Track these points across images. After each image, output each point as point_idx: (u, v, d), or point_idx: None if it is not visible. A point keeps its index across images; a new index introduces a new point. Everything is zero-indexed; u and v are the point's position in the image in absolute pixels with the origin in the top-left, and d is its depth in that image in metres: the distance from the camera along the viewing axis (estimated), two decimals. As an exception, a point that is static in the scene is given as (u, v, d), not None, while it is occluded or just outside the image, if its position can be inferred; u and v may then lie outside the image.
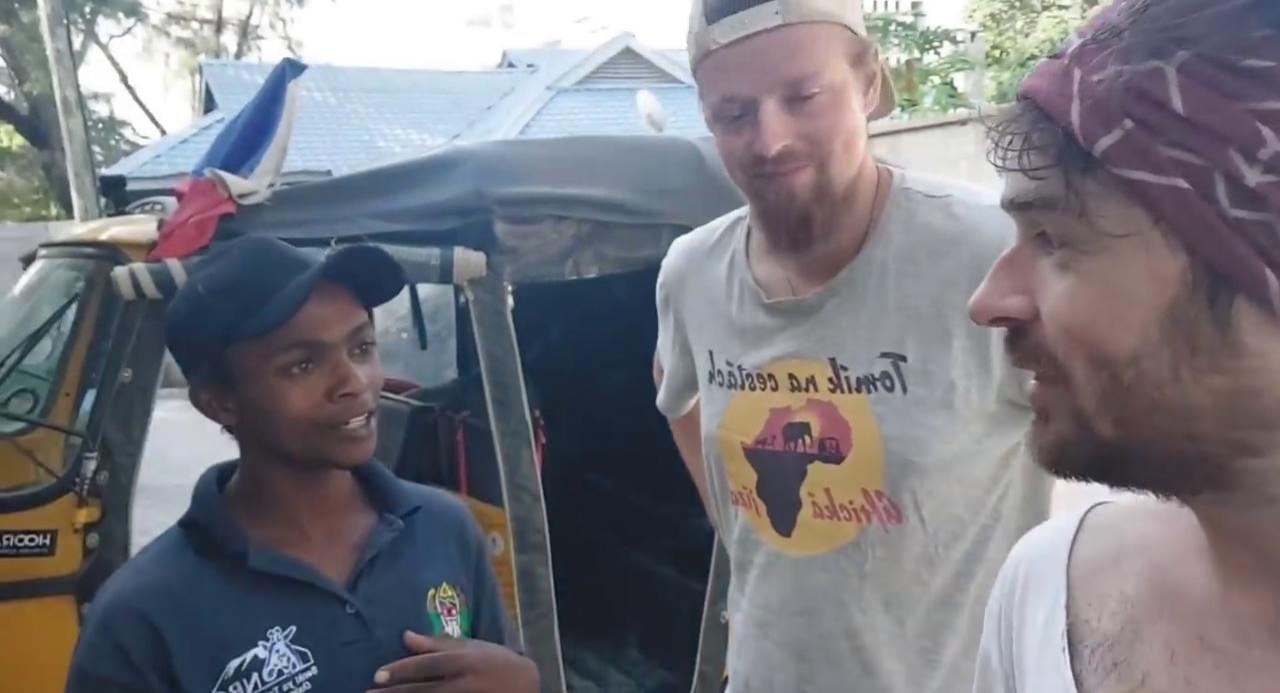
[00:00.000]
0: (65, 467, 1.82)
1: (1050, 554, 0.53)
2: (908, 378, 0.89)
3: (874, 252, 0.92)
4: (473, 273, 1.86)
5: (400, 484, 0.99)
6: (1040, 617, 0.51)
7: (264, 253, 0.89)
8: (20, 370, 2.11)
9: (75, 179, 8.42)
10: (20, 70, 16.84)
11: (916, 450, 0.88)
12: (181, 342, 0.90)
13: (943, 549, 0.90)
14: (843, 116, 0.86)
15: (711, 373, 1.04)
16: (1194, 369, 0.37)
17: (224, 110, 11.67)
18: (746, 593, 1.02)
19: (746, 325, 1.00)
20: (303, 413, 0.85)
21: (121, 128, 20.87)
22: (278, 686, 0.84)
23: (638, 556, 2.52)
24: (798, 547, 0.95)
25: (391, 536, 0.93)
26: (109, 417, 1.73)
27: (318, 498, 0.91)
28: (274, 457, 0.88)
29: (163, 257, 1.74)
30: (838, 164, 0.88)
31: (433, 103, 13.39)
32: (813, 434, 0.93)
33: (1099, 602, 0.48)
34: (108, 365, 1.76)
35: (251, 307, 0.83)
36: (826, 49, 0.84)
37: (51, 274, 2.23)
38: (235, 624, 0.84)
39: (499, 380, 1.88)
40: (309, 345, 0.85)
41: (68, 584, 1.71)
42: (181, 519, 0.90)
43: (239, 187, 1.81)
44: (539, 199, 1.92)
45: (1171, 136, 0.36)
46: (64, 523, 1.71)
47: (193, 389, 0.89)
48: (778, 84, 0.85)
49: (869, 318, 0.92)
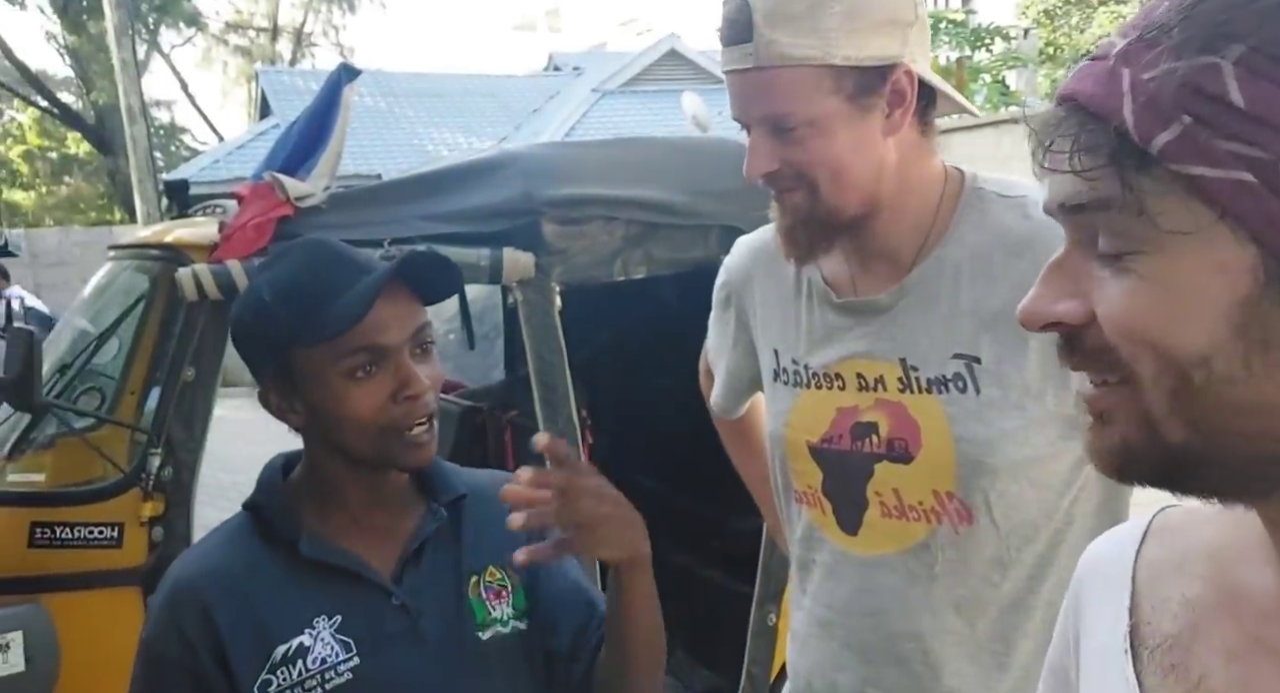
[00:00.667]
0: (131, 462, 1.89)
1: (1116, 559, 0.52)
2: (981, 379, 0.89)
3: (947, 251, 0.92)
4: (522, 274, 1.88)
5: (447, 473, 0.99)
6: (1105, 620, 0.51)
7: (324, 256, 0.90)
8: (89, 369, 2.19)
9: (138, 184, 8.72)
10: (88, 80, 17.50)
11: (989, 452, 0.87)
12: (248, 346, 0.92)
13: (1015, 552, 0.89)
14: (828, 147, 0.87)
15: (776, 371, 1.04)
16: (1267, 364, 0.37)
17: (278, 116, 11.96)
18: (809, 592, 1.02)
19: (814, 324, 1.00)
20: (368, 416, 0.86)
21: (181, 134, 21.55)
22: (319, 674, 0.86)
23: (685, 557, 2.52)
24: (864, 546, 0.95)
25: (435, 526, 0.94)
26: (173, 414, 1.79)
27: (376, 493, 0.93)
28: (339, 455, 0.90)
29: (224, 258, 1.79)
30: (828, 189, 0.89)
31: (480, 106, 13.55)
32: (881, 434, 0.93)
33: (1162, 605, 0.48)
34: (171, 364, 1.82)
35: (315, 310, 0.85)
36: (802, 90, 0.86)
37: (119, 275, 2.31)
38: (285, 611, 0.87)
39: (547, 381, 1.90)
40: (373, 349, 0.86)
41: (134, 576, 1.77)
42: (246, 502, 0.94)
43: (296, 189, 1.86)
44: (587, 200, 1.93)
45: (1232, 130, 0.36)
46: (130, 517, 1.77)
47: (262, 391, 0.91)
48: (758, 118, 0.89)
49: (942, 319, 0.91)
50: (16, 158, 20.47)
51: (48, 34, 18.28)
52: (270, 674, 0.85)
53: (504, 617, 0.94)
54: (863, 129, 0.88)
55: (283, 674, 0.85)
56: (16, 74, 17.43)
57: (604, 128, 12.03)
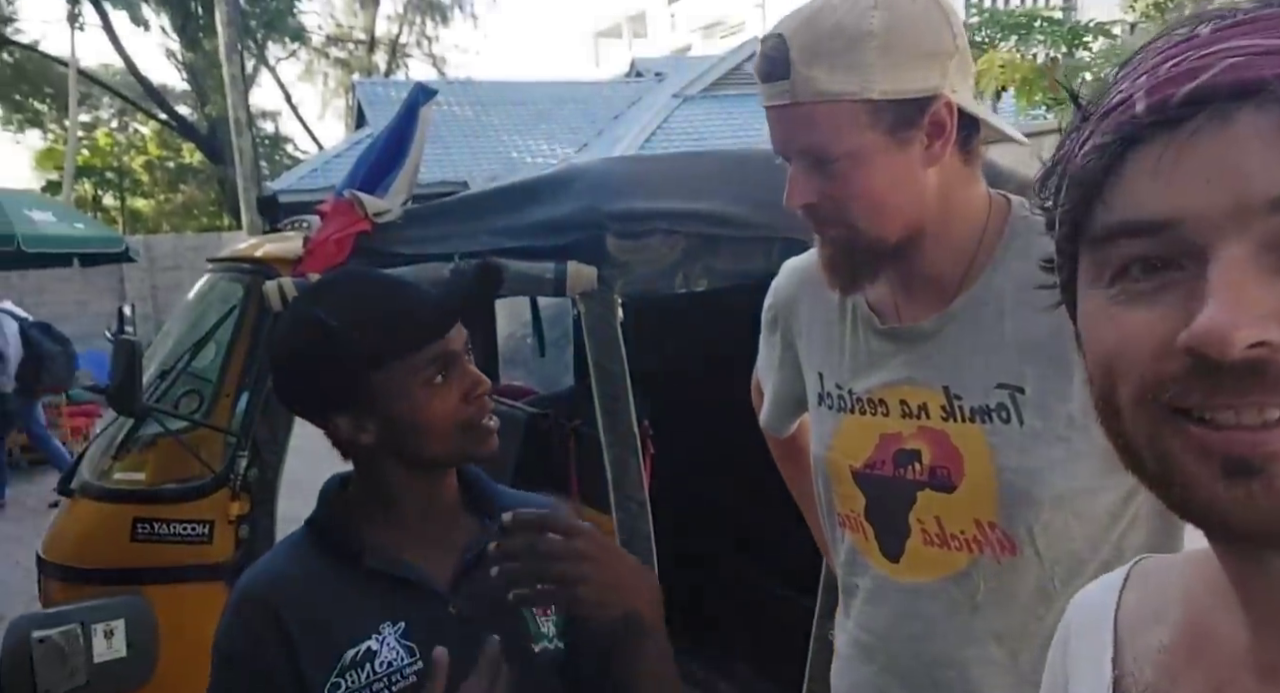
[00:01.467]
0: (222, 463, 2.02)
1: (1099, 608, 0.52)
2: (1025, 410, 0.88)
3: (992, 280, 0.91)
4: (584, 286, 1.92)
5: (499, 490, 1.05)
6: (1091, 671, 0.51)
7: (376, 281, 0.98)
8: (190, 373, 2.35)
9: (244, 193, 9.21)
10: (202, 93, 18.58)
11: (1032, 483, 0.86)
12: (314, 380, 0.95)
13: (1060, 585, 0.88)
14: (866, 180, 0.87)
15: (821, 395, 1.05)
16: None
17: (373, 126, 12.40)
18: (852, 616, 1.02)
19: (859, 349, 1.00)
20: (449, 419, 0.93)
21: (285, 144, 22.64)
22: (387, 677, 0.90)
23: (747, 568, 2.52)
24: (906, 573, 0.95)
25: (489, 539, 0.97)
26: (259, 418, 1.90)
27: (433, 501, 0.98)
28: (406, 465, 0.95)
29: (306, 272, 1.90)
30: (866, 223, 0.89)
31: (564, 114, 13.76)
32: (923, 461, 0.93)
33: (1143, 654, 0.48)
34: (258, 371, 1.93)
35: (395, 327, 0.91)
36: (839, 125, 0.86)
37: (216, 286, 2.47)
38: (351, 617, 0.92)
39: (608, 391, 1.94)
40: (446, 356, 0.93)
41: (223, 571, 1.89)
42: (308, 519, 1.00)
43: (374, 206, 1.95)
44: (649, 214, 1.96)
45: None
46: (220, 514, 1.90)
47: (329, 424, 0.95)
48: (797, 151, 0.89)
49: (986, 348, 0.90)
50: (139, 167, 21.92)
51: (167, 51, 19.49)
52: (339, 678, 0.89)
53: (549, 634, 0.98)
54: (902, 161, 0.87)
55: (351, 677, 0.89)
56: (140, 89, 18.66)
57: (685, 133, 12.03)
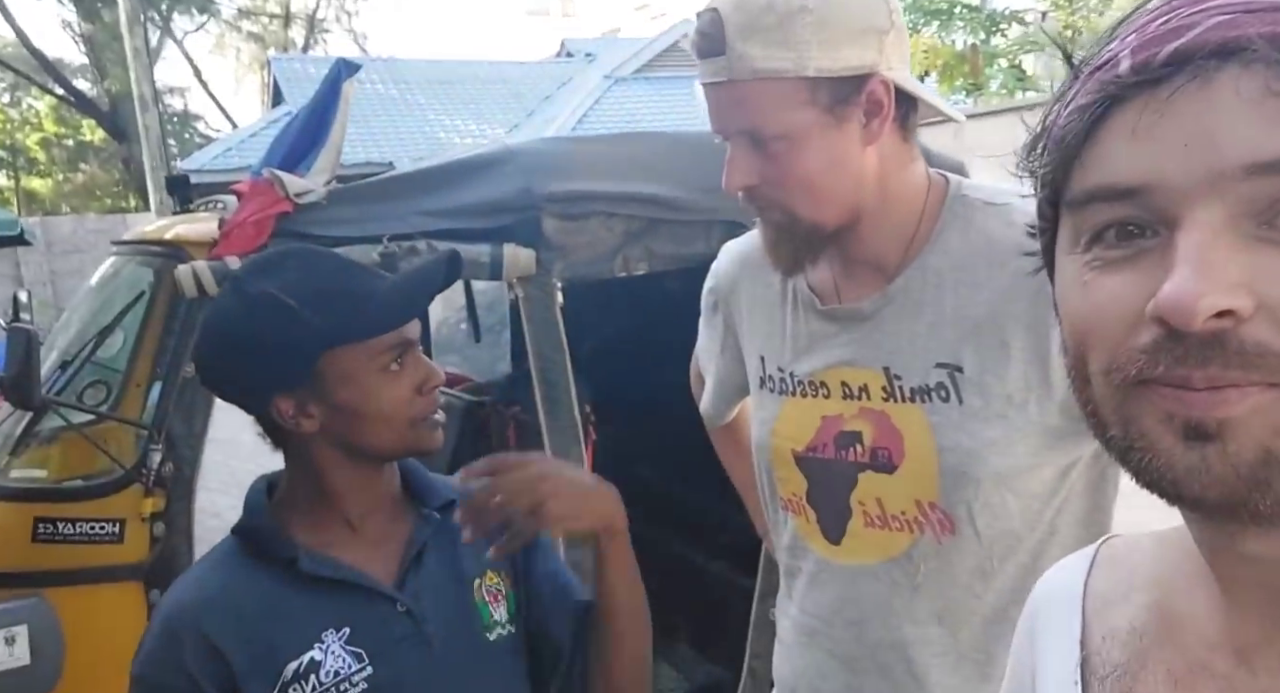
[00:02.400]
0: (133, 458, 1.90)
1: (1067, 589, 0.52)
2: (964, 389, 0.88)
3: (930, 260, 0.91)
4: (523, 270, 1.86)
5: (433, 479, 1.01)
6: (1059, 652, 0.50)
7: (331, 260, 0.94)
8: (95, 363, 2.20)
9: (151, 172, 8.77)
10: (102, 67, 17.58)
11: (972, 462, 0.86)
12: (260, 358, 0.89)
13: (998, 563, 0.89)
14: (805, 161, 0.86)
15: (763, 378, 1.04)
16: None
17: (291, 104, 11.97)
18: (795, 600, 1.02)
19: (799, 332, 1.00)
20: (400, 409, 0.89)
21: (195, 121, 21.66)
22: (335, 686, 0.86)
23: (688, 551, 2.52)
24: (847, 556, 0.95)
25: (432, 530, 0.95)
26: (173, 410, 1.79)
27: (373, 495, 0.94)
28: (348, 454, 0.91)
29: (223, 255, 1.79)
30: (804, 206, 0.89)
31: (492, 94, 13.51)
32: (864, 443, 0.93)
33: (1111, 635, 0.48)
34: (171, 360, 1.82)
35: (354, 310, 0.87)
36: (776, 103, 0.85)
37: (122, 270, 2.32)
38: (290, 628, 0.87)
39: (549, 377, 1.89)
40: (403, 344, 0.90)
41: (136, 571, 1.78)
42: (234, 527, 0.93)
43: (296, 186, 1.85)
44: (588, 196, 1.92)
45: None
46: (131, 512, 1.78)
47: (271, 404, 0.89)
48: (734, 131, 0.88)
49: (925, 327, 0.90)
50: (34, 145, 20.63)
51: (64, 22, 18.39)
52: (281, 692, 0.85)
53: (503, 620, 0.96)
54: (840, 140, 0.87)
55: (295, 691, 0.85)
56: (34, 62, 17.53)
57: (616, 115, 11.96)
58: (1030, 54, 8.46)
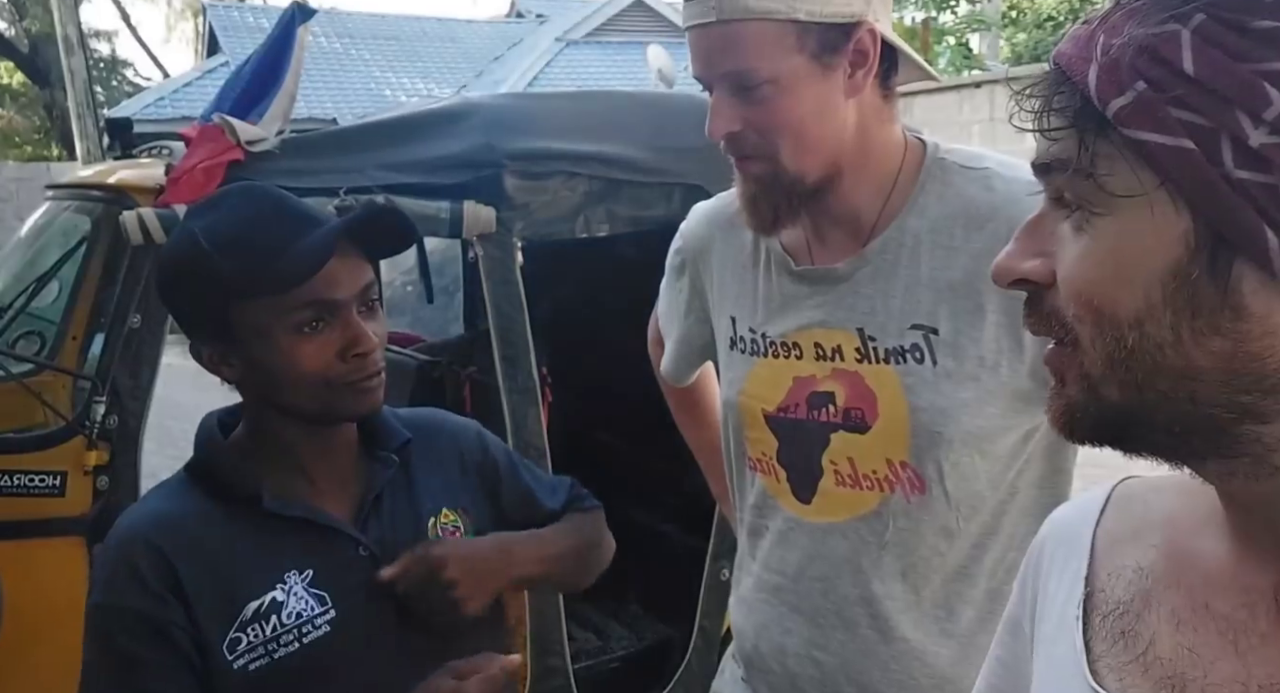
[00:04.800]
0: (73, 409, 1.84)
1: (1076, 527, 0.53)
2: (938, 351, 0.89)
3: (907, 222, 0.92)
4: (483, 228, 1.84)
5: (388, 419, 0.98)
6: (1062, 587, 0.52)
7: (267, 204, 0.85)
8: (27, 312, 2.11)
9: (77, 120, 8.32)
10: (20, 6, 16.53)
11: (944, 423, 0.88)
12: (181, 297, 0.87)
13: (962, 522, 0.91)
14: (791, 107, 0.86)
15: (733, 340, 1.04)
16: (1194, 331, 0.38)
17: (228, 53, 11.47)
18: (759, 558, 1.03)
19: (772, 293, 1.00)
20: (314, 373, 0.83)
21: (124, 68, 20.57)
22: (297, 628, 0.84)
23: (641, 513, 2.55)
24: (817, 514, 0.96)
25: (389, 474, 0.94)
26: (118, 362, 1.74)
27: (325, 447, 0.91)
28: (281, 410, 0.87)
29: (170, 202, 1.73)
30: (789, 155, 0.89)
31: (440, 52, 13.15)
32: (837, 403, 0.94)
33: (1117, 573, 0.49)
34: (116, 311, 1.76)
35: (263, 263, 0.80)
36: (766, 45, 0.84)
37: (59, 216, 2.22)
38: (252, 567, 0.85)
39: (507, 338, 1.88)
40: (322, 303, 0.83)
41: (78, 525, 1.73)
42: (187, 465, 0.90)
43: (247, 133, 1.79)
44: (550, 154, 1.90)
45: (1180, 97, 0.37)
46: (73, 465, 1.73)
47: (193, 345, 0.87)
48: (720, 75, 0.87)
49: (902, 289, 0.91)
50: (-56, 87, 19.38)
51: (-24, -46, 17.21)
52: (240, 632, 0.82)
53: None
54: (825, 89, 0.87)
55: (254, 631, 0.83)
56: (-58, -3, 16.41)
57: (567, 79, 11.78)
58: (977, 32, 8.60)
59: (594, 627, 2.51)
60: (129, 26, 24.87)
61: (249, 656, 0.82)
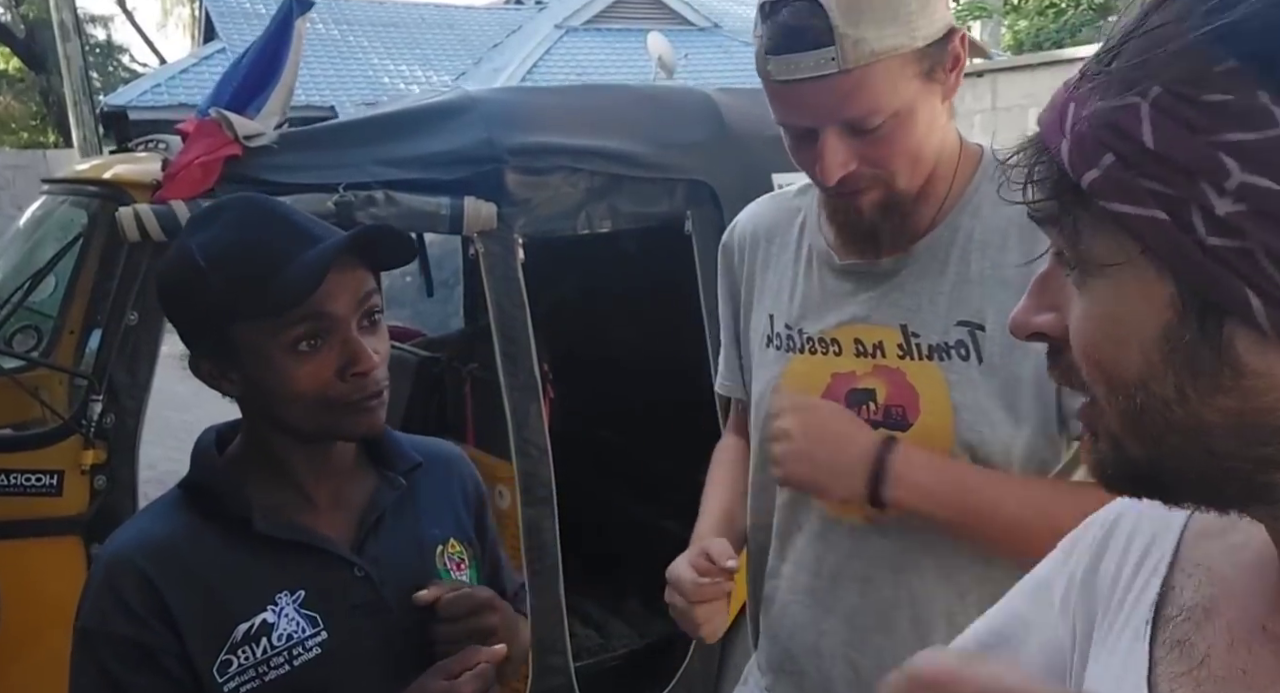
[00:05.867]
0: (69, 406, 1.82)
1: (1168, 514, 0.50)
2: (984, 347, 0.88)
3: (960, 221, 0.91)
4: (484, 224, 1.82)
5: (400, 441, 0.97)
6: (1143, 572, 0.50)
7: (264, 218, 0.83)
8: (24, 307, 2.09)
9: (73, 107, 8.25)
10: (15, -9, 16.40)
11: (987, 422, 0.87)
12: (179, 313, 0.86)
13: None
14: (911, 134, 0.85)
15: (770, 336, 1.02)
16: (1198, 390, 0.38)
17: (225, 39, 11.38)
18: (790, 559, 1.01)
19: (812, 289, 0.99)
20: (312, 392, 0.81)
21: (120, 54, 20.44)
22: (287, 650, 0.83)
23: (643, 509, 2.54)
24: (856, 513, 0.94)
25: (395, 495, 0.92)
26: (115, 359, 1.72)
27: (323, 464, 0.89)
28: (280, 428, 0.86)
29: (167, 198, 1.70)
30: (905, 180, 0.87)
31: (438, 39, 13.06)
32: (878, 401, 0.92)
33: (1192, 571, 0.48)
34: (113, 308, 1.74)
35: (257, 282, 0.79)
36: (890, 84, 0.82)
37: (55, 211, 2.19)
38: (242, 588, 0.83)
39: (508, 334, 1.87)
40: (318, 318, 0.81)
41: (75, 525, 1.71)
42: (182, 482, 0.89)
43: (245, 128, 1.76)
44: (551, 149, 1.88)
45: (1147, 170, 0.37)
46: (70, 464, 1.71)
47: (193, 359, 0.85)
48: (839, 121, 0.84)
49: (950, 286, 0.90)
50: (-60, 72, 19.24)
51: (-29, -61, 17.05)
52: (230, 655, 0.81)
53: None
54: (933, 103, 0.86)
55: (244, 654, 0.81)
56: (-63, -19, 16.27)
57: (567, 66, 11.71)
58: (978, 20, 8.52)
59: (595, 624, 2.50)
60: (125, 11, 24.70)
61: (239, 678, 0.81)
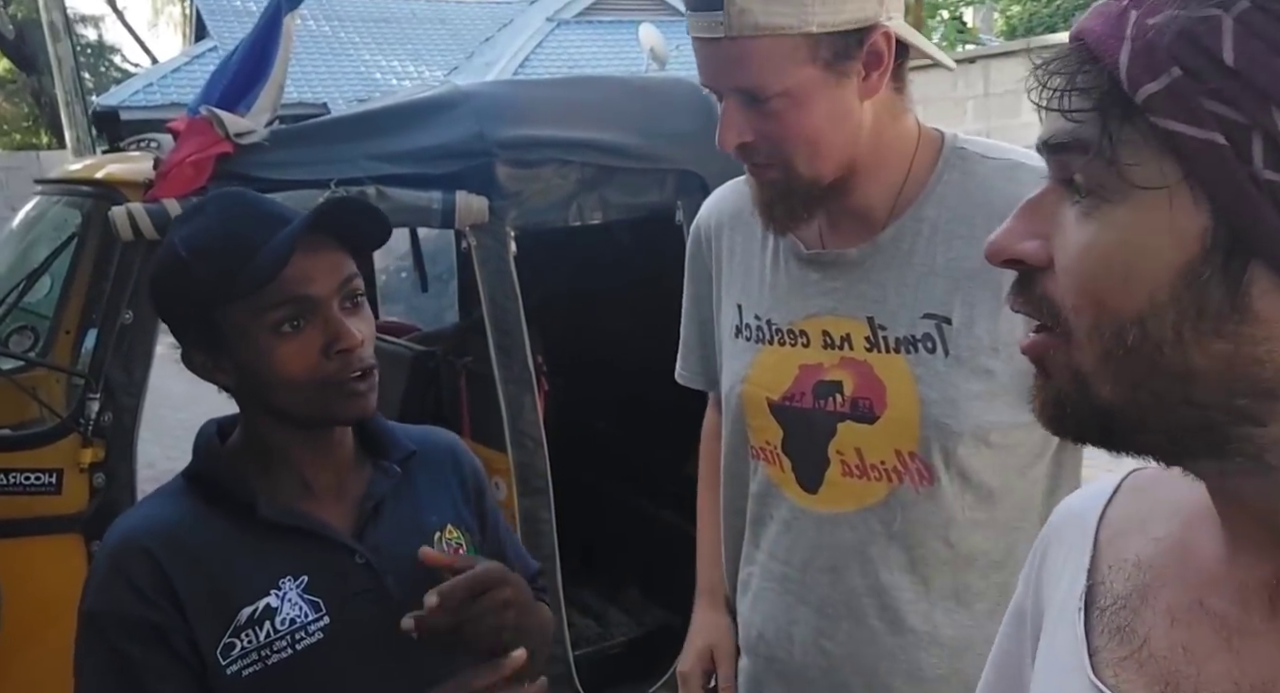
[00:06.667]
0: (67, 405, 1.83)
1: (1083, 516, 0.52)
2: (950, 340, 0.88)
3: (924, 211, 0.91)
4: (475, 218, 1.83)
5: (394, 430, 0.98)
6: (1066, 577, 0.51)
7: (241, 208, 0.86)
8: (20, 307, 2.10)
9: (65, 107, 8.22)
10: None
11: (954, 414, 0.87)
12: (168, 306, 0.88)
13: (970, 513, 0.90)
14: (805, 119, 0.84)
15: (739, 327, 1.02)
16: (1197, 332, 0.37)
17: (216, 38, 11.34)
18: (763, 547, 1.02)
19: (779, 279, 0.99)
20: (300, 373, 0.83)
21: (111, 54, 20.36)
22: (290, 635, 0.84)
23: (639, 499, 2.56)
24: (824, 504, 0.95)
25: (391, 483, 0.94)
26: (111, 358, 1.73)
27: (321, 453, 0.90)
28: (275, 415, 0.87)
29: (160, 197, 1.71)
30: (804, 162, 0.87)
31: (430, 34, 13.02)
32: (844, 393, 0.92)
33: (1119, 565, 0.49)
34: (108, 307, 1.75)
35: (235, 265, 0.81)
36: (777, 61, 0.82)
37: (49, 211, 2.20)
38: (246, 573, 0.85)
39: (502, 327, 1.88)
40: (298, 300, 0.83)
41: (75, 523, 1.72)
42: (185, 471, 0.90)
43: (236, 125, 1.77)
44: (542, 142, 1.88)
45: (1216, 88, 0.35)
46: (69, 462, 1.72)
47: (185, 352, 0.87)
48: (730, 89, 0.85)
49: (915, 278, 0.90)
50: (-70, 75, 19.14)
51: (-42, -60, 16.92)
52: (234, 638, 0.82)
53: None
54: (839, 96, 0.85)
55: (247, 637, 0.83)
56: (-75, -17, 16.15)
57: (558, 59, 11.68)
58: (971, 6, 8.52)
59: (594, 614, 2.52)
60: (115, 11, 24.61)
61: (242, 661, 0.82)
